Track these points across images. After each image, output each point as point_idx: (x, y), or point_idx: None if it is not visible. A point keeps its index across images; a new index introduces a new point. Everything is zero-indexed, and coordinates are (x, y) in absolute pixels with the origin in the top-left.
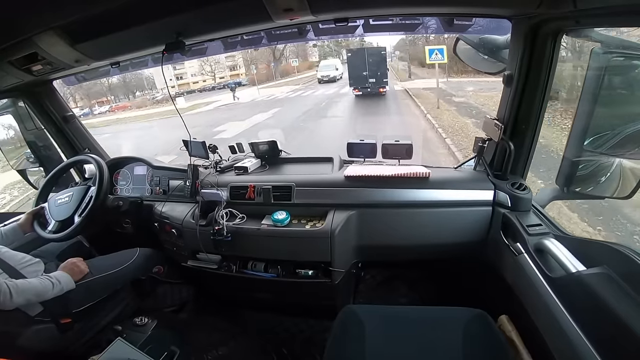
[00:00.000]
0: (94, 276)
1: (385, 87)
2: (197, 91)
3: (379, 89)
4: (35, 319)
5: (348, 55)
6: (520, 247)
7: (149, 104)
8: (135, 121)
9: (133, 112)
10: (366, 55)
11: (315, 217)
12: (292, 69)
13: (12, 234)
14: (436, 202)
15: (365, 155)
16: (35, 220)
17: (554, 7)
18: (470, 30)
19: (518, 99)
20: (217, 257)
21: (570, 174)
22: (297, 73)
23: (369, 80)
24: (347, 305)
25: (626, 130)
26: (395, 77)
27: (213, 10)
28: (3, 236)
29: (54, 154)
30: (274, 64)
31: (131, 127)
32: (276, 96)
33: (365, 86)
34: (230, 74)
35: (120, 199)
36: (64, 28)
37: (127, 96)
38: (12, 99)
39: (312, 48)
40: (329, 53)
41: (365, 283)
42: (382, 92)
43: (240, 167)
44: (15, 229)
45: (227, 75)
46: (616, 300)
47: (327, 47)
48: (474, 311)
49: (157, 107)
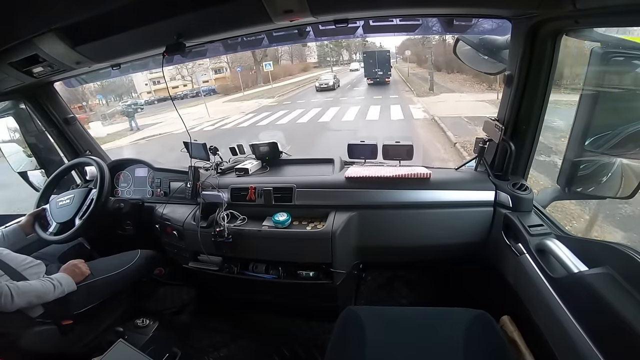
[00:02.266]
0: (95, 278)
1: (389, 78)
2: (172, 98)
3: (385, 79)
4: (37, 321)
5: (363, 55)
6: (522, 248)
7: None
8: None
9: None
10: (376, 55)
11: (316, 218)
12: (286, 71)
13: (14, 235)
14: (437, 202)
15: (365, 156)
16: (37, 222)
17: (553, 7)
18: (470, 31)
19: (518, 100)
20: (218, 259)
21: (572, 174)
22: (281, 78)
23: (378, 73)
24: (348, 307)
25: (627, 130)
26: (409, 89)
27: (213, 12)
28: (4, 238)
29: (55, 156)
30: (257, 68)
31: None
32: (219, 126)
33: (376, 77)
34: (214, 77)
35: (122, 200)
36: (65, 30)
37: (106, 101)
38: (14, 101)
39: (309, 48)
40: (328, 53)
41: (367, 284)
42: (387, 81)
43: (241, 168)
44: (16, 230)
45: (212, 78)
46: (618, 301)
47: (327, 46)
48: (476, 312)
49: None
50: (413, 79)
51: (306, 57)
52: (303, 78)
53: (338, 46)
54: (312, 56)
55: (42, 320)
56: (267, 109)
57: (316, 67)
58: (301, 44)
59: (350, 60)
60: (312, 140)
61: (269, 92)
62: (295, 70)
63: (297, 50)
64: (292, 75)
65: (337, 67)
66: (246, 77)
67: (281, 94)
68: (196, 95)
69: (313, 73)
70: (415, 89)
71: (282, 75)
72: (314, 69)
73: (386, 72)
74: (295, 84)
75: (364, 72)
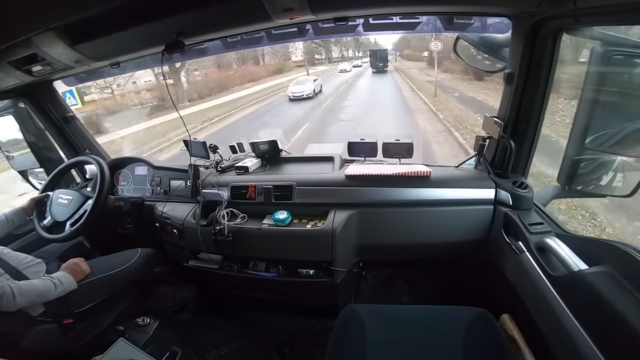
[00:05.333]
0: (95, 276)
1: (387, 67)
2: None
3: (384, 69)
4: (38, 320)
5: (369, 52)
6: (522, 246)
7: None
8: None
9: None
10: (377, 53)
11: (316, 216)
12: (247, 76)
13: (17, 217)
14: (437, 201)
15: (365, 154)
16: (36, 209)
17: (554, 5)
18: (471, 29)
19: (519, 98)
20: (218, 257)
21: (572, 173)
22: (236, 87)
23: (379, 65)
24: (348, 305)
25: (627, 128)
26: (419, 96)
27: (212, 10)
28: (8, 221)
29: (54, 155)
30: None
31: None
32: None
33: (378, 67)
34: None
35: (122, 199)
36: (64, 29)
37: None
38: (13, 99)
39: (293, 45)
40: (316, 50)
41: (367, 282)
42: (385, 70)
43: (241, 166)
44: (19, 213)
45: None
46: (619, 299)
47: (313, 43)
48: (476, 310)
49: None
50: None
51: (291, 54)
52: (275, 83)
53: (325, 42)
54: (296, 54)
55: (43, 319)
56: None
57: (300, 67)
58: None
59: (342, 59)
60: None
61: (203, 114)
62: (262, 73)
63: (280, 47)
64: (257, 81)
65: (324, 66)
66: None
67: (222, 116)
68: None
69: (290, 76)
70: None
71: (239, 83)
72: (296, 70)
73: (385, 64)
74: (258, 94)
75: (370, 64)
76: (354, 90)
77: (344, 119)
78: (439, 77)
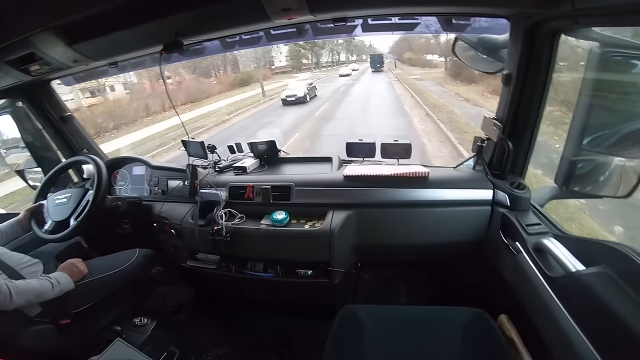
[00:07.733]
0: (93, 277)
1: (383, 68)
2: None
3: (380, 68)
4: (35, 320)
5: (370, 55)
6: (520, 247)
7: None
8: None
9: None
10: (376, 57)
11: (315, 217)
12: (194, 92)
13: (12, 230)
14: (435, 201)
15: (364, 154)
16: (33, 218)
17: (552, 6)
18: (469, 30)
19: (517, 99)
20: (216, 257)
21: (569, 173)
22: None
23: (377, 65)
24: (346, 305)
25: (625, 129)
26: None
27: (211, 10)
28: (2, 234)
29: (52, 155)
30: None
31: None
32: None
33: (376, 67)
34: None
35: (119, 199)
36: (61, 28)
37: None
38: (11, 99)
39: (277, 49)
40: (304, 54)
41: (365, 283)
42: (381, 70)
43: (239, 167)
44: (14, 226)
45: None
46: (615, 300)
47: (297, 45)
48: (474, 311)
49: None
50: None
51: (273, 59)
52: (232, 101)
53: (313, 45)
54: (279, 60)
55: (40, 319)
56: None
57: (281, 74)
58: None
59: (333, 63)
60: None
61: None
62: (217, 87)
63: (261, 52)
64: (206, 98)
65: (307, 73)
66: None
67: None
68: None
69: (271, 84)
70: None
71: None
72: (274, 77)
73: (381, 65)
74: (196, 122)
75: (370, 65)
76: (361, 83)
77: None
78: (465, 95)
